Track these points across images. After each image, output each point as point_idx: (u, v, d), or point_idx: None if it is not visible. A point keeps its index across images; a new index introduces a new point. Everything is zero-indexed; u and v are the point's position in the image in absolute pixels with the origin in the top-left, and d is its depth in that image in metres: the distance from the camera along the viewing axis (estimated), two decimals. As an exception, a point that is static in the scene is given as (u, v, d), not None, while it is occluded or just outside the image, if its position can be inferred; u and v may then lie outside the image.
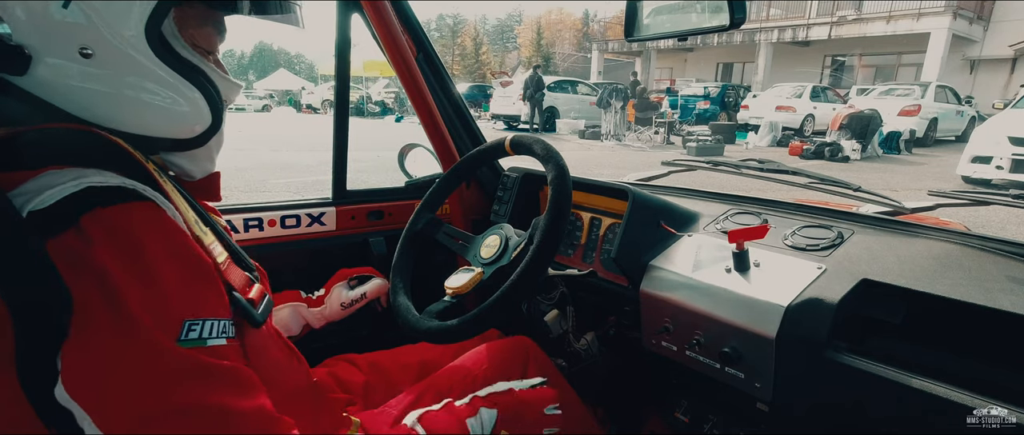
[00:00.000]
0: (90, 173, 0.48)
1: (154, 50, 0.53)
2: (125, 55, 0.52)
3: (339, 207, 1.39)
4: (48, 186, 0.46)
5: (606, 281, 1.16)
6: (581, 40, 37.22)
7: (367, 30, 1.31)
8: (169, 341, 0.47)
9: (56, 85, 0.51)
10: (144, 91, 0.54)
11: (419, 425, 0.75)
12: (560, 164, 0.89)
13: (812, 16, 16.90)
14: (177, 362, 0.47)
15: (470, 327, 0.84)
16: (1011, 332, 0.70)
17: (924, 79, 13.57)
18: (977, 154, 6.10)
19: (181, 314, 0.48)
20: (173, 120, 0.57)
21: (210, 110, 0.60)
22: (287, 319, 1.03)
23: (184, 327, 0.48)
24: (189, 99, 0.57)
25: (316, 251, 1.38)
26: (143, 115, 0.55)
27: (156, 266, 0.48)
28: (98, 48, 0.50)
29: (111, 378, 0.45)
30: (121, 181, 0.49)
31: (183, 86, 0.56)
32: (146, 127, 0.56)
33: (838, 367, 0.77)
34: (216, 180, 0.70)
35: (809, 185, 1.23)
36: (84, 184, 0.47)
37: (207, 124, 0.60)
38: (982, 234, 0.92)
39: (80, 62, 0.50)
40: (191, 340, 0.48)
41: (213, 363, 0.49)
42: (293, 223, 1.33)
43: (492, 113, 13.59)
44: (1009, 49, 15.19)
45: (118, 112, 0.54)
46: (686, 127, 11.58)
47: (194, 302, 0.50)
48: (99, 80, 0.52)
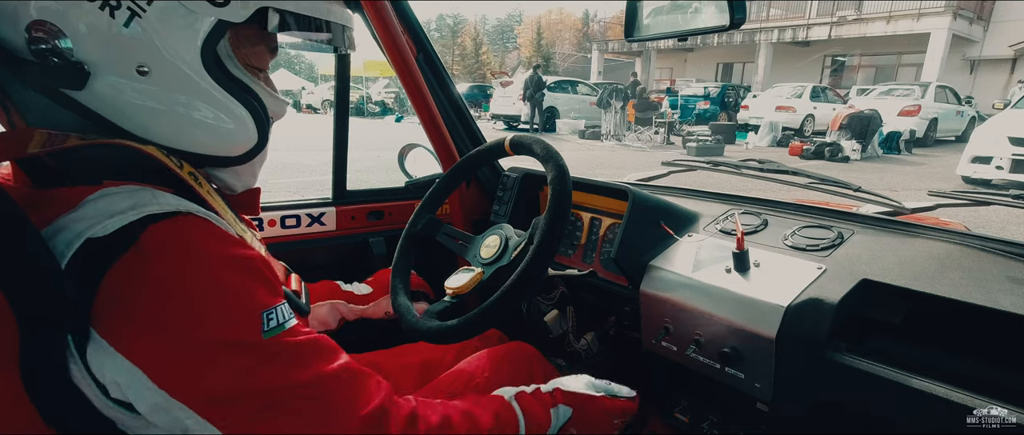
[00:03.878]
0: (146, 197, 0.50)
1: (208, 70, 0.55)
2: (180, 74, 0.54)
3: (339, 207, 1.40)
4: (107, 213, 0.48)
5: (606, 281, 1.16)
6: (581, 40, 37.23)
7: (367, 30, 1.31)
8: (255, 336, 0.50)
9: (112, 100, 0.52)
10: (195, 110, 0.56)
11: (515, 401, 0.74)
12: (560, 164, 0.89)
13: (812, 16, 16.90)
14: (270, 352, 0.50)
15: (470, 327, 0.84)
16: (1011, 332, 0.70)
17: (924, 79, 13.58)
18: (977, 154, 6.10)
19: (256, 308, 0.51)
20: (221, 138, 0.59)
21: (256, 129, 0.61)
22: (326, 315, 1.05)
23: (263, 319, 0.50)
24: (237, 118, 0.59)
25: (315, 251, 1.38)
26: (193, 133, 0.57)
27: (217, 271, 0.50)
28: (155, 66, 0.52)
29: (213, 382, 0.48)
30: (176, 204, 0.51)
31: (233, 105, 0.58)
32: (195, 144, 0.58)
33: (838, 367, 0.77)
34: (256, 195, 0.72)
35: (809, 185, 1.23)
36: (144, 213, 0.49)
37: (252, 143, 0.62)
38: (982, 234, 0.91)
39: (136, 79, 0.52)
40: (273, 329, 0.51)
41: (300, 342, 0.52)
42: (293, 223, 1.33)
43: (492, 113, 13.59)
44: (1009, 49, 15.19)
45: (169, 129, 0.56)
46: (686, 127, 11.58)
47: (261, 294, 0.52)
48: (153, 97, 0.53)
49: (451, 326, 0.84)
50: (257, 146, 0.63)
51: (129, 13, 0.50)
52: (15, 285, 0.45)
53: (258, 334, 0.50)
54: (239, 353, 0.49)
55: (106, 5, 0.49)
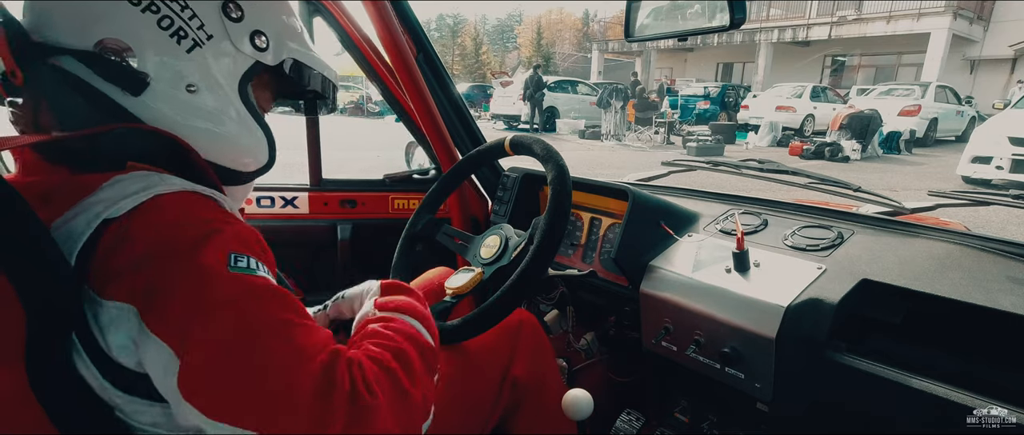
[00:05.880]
0: (155, 179, 0.54)
1: (241, 96, 0.66)
2: (220, 96, 0.64)
3: (313, 193, 1.50)
4: (122, 195, 0.51)
5: (606, 281, 1.16)
6: (581, 40, 37.21)
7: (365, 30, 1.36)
8: (221, 268, 0.50)
9: (158, 110, 0.59)
10: (227, 127, 0.65)
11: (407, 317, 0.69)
12: (560, 164, 0.90)
13: (812, 16, 16.89)
14: (232, 283, 0.50)
15: (471, 327, 0.84)
16: (1011, 332, 0.70)
17: (924, 79, 13.56)
18: (977, 154, 6.09)
19: (226, 248, 0.52)
20: (243, 154, 0.68)
21: (269, 150, 0.71)
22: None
23: (230, 258, 0.51)
24: (257, 138, 0.69)
25: (284, 231, 1.48)
26: (224, 145, 0.66)
27: (202, 227, 0.52)
28: (202, 86, 0.62)
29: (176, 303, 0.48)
30: (184, 185, 0.55)
31: (255, 128, 0.68)
32: (220, 155, 0.65)
33: (838, 367, 0.77)
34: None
35: (809, 185, 1.23)
36: (153, 192, 0.52)
37: (264, 162, 0.71)
38: (982, 234, 0.92)
39: (184, 95, 0.61)
40: (240, 267, 0.51)
41: (264, 284, 0.52)
42: (268, 204, 1.47)
43: (492, 113, 13.57)
44: (1009, 49, 15.18)
45: (202, 139, 0.62)
46: (686, 127, 11.57)
47: (238, 248, 0.53)
48: (195, 112, 0.62)
49: (451, 326, 0.84)
50: (267, 165, 0.72)
51: (192, 43, 0.60)
52: (22, 276, 0.46)
53: (223, 267, 0.50)
54: (200, 277, 0.49)
55: (175, 34, 0.59)
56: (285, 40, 0.69)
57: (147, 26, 0.57)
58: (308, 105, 0.92)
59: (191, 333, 0.47)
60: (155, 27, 0.58)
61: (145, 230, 0.50)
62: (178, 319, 0.47)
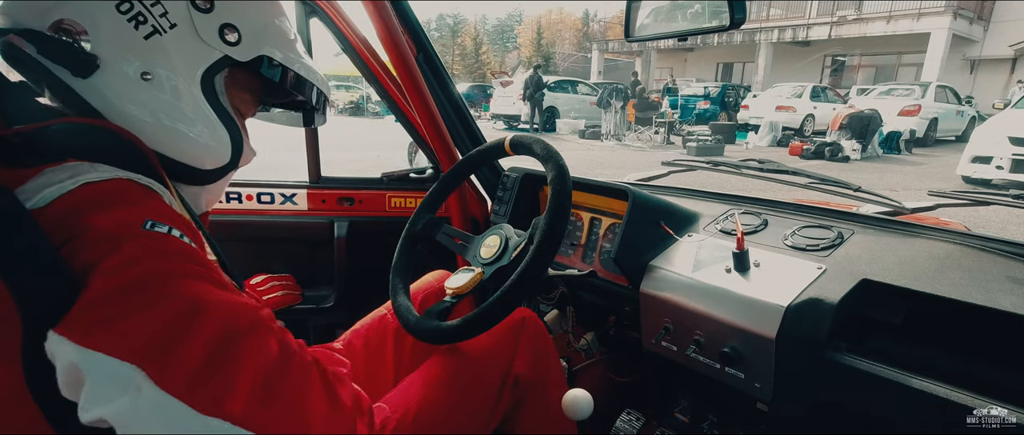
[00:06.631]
0: (84, 168, 0.51)
1: (203, 91, 0.63)
2: (179, 87, 0.61)
3: (311, 190, 1.53)
4: (46, 185, 0.49)
5: (606, 281, 1.16)
6: (581, 40, 37.20)
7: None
8: (135, 229, 0.48)
9: (109, 95, 0.58)
10: (182, 119, 0.62)
11: None
12: (560, 164, 0.89)
13: (812, 16, 16.88)
14: (142, 238, 0.48)
15: (471, 327, 0.83)
16: (1011, 332, 0.70)
17: (924, 79, 13.55)
18: (977, 154, 6.09)
19: (143, 215, 0.49)
20: (200, 150, 0.65)
21: (232, 150, 0.67)
22: None
23: (146, 222, 0.49)
24: (217, 136, 0.66)
25: (282, 227, 1.51)
26: (176, 139, 0.62)
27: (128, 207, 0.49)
28: (158, 75, 0.59)
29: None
30: (116, 172, 0.52)
31: (216, 125, 0.65)
32: (177, 151, 0.63)
33: (838, 367, 0.77)
34: (206, 217, 0.75)
35: (809, 185, 1.23)
36: (81, 181, 0.49)
37: (225, 161, 0.68)
38: (982, 234, 0.92)
39: (138, 82, 0.59)
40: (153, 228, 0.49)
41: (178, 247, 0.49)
42: (268, 200, 1.50)
43: (492, 113, 13.55)
44: (1009, 49, 15.17)
45: (154, 130, 0.60)
46: (686, 127, 11.56)
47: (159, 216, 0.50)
48: (148, 101, 0.59)
49: (451, 326, 0.84)
50: (229, 165, 0.68)
51: (151, 29, 0.58)
52: (15, 275, 0.45)
53: (137, 227, 0.48)
54: (113, 236, 0.47)
55: (134, 19, 0.57)
56: (264, 39, 0.67)
57: (104, 10, 0.57)
58: (305, 117, 0.90)
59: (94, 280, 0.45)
60: (113, 11, 0.57)
61: (66, 216, 0.47)
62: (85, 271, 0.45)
